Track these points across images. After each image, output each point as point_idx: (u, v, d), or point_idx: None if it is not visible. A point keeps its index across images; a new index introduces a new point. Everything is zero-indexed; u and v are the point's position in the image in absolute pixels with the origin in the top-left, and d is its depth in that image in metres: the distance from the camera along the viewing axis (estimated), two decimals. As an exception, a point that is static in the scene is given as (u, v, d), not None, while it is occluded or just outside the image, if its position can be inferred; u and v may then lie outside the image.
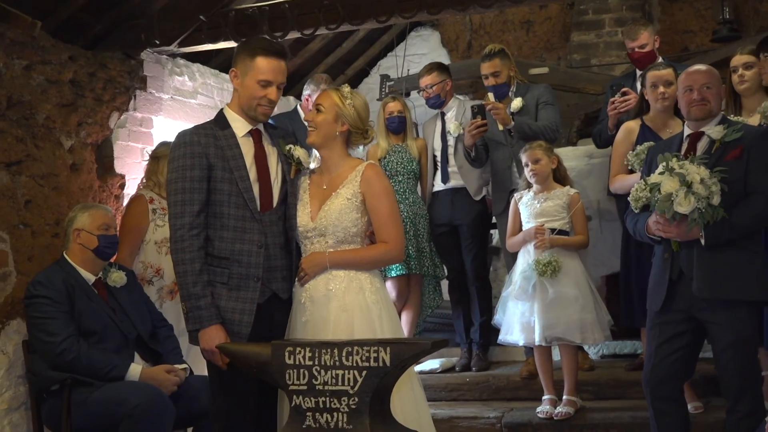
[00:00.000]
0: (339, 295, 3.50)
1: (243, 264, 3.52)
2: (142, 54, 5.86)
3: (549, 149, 5.05)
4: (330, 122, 3.61)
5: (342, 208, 3.53)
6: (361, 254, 3.57)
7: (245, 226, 3.53)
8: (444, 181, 5.84)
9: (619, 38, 7.64)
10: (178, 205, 3.49)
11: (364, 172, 3.58)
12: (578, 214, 4.96)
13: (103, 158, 5.57)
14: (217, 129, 3.60)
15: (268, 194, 3.61)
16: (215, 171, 3.52)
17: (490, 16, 8.47)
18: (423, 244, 5.76)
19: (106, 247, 4.42)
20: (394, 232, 3.57)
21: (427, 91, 5.87)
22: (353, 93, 3.68)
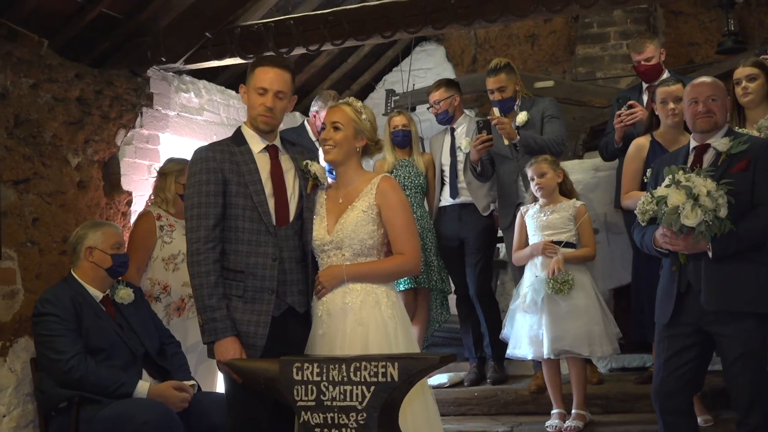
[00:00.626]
0: (355, 309, 3.52)
1: (257, 277, 3.55)
2: (149, 71, 5.89)
3: (554, 163, 5.06)
4: (350, 138, 3.65)
5: (358, 221, 3.56)
6: (378, 266, 3.59)
7: (260, 239, 3.57)
8: (453, 197, 5.83)
9: (624, 51, 7.66)
10: (194, 219, 3.55)
11: (379, 184, 3.61)
12: (585, 226, 4.97)
13: (110, 175, 5.59)
14: (233, 145, 3.67)
15: (284, 209, 3.64)
16: (230, 186, 3.57)
17: (495, 30, 8.49)
18: (431, 258, 5.76)
19: (119, 266, 4.45)
20: (410, 243, 3.58)
21: (435, 107, 5.88)
22: (364, 106, 3.74)
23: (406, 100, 7.63)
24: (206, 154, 3.62)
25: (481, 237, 5.78)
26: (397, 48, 8.62)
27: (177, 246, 4.92)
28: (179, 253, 4.90)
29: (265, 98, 3.64)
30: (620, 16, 7.84)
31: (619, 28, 7.86)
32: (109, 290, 4.45)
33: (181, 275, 4.88)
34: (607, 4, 5.12)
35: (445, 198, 5.90)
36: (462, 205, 5.82)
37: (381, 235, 3.60)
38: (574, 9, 5.21)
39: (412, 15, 5.41)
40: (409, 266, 3.63)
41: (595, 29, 7.95)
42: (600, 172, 6.00)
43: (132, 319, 4.44)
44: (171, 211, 5.03)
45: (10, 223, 4.67)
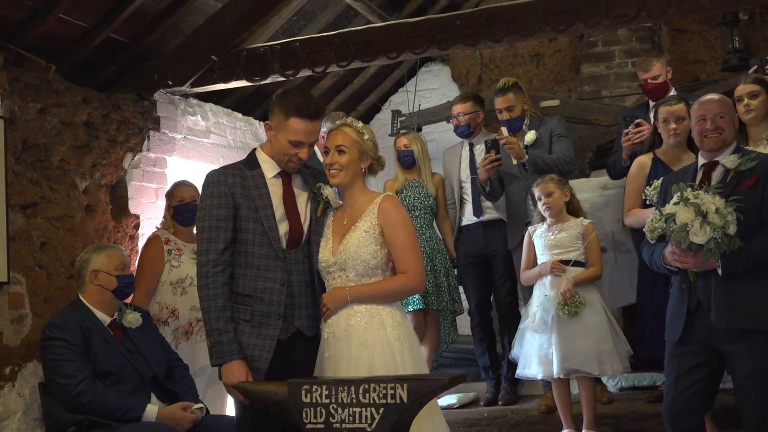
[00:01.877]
0: (359, 332, 3.50)
1: (265, 302, 3.55)
2: (155, 95, 5.92)
3: (561, 182, 5.05)
4: (356, 160, 3.65)
5: (360, 241, 3.55)
6: (381, 286, 3.57)
7: (269, 264, 3.57)
8: (477, 215, 5.80)
9: (630, 69, 7.67)
10: (204, 242, 3.56)
11: (381, 203, 3.60)
12: (592, 245, 4.96)
13: (117, 199, 5.60)
14: (246, 169, 3.66)
15: (296, 233, 3.65)
16: (241, 210, 3.57)
17: (500, 50, 8.51)
18: (441, 278, 5.74)
19: (125, 287, 4.45)
20: (413, 261, 3.56)
21: (458, 119, 5.85)
22: (363, 125, 3.74)
23: (412, 121, 7.63)
24: (218, 178, 3.62)
25: (509, 255, 5.73)
26: (403, 69, 8.63)
27: (185, 270, 4.93)
28: (187, 277, 4.91)
29: (301, 151, 3.61)
30: (625, 34, 7.85)
31: (624, 46, 7.86)
32: (117, 314, 4.44)
33: (189, 299, 4.89)
34: (611, 23, 5.14)
35: (467, 217, 5.86)
36: (487, 222, 5.78)
37: (385, 255, 3.58)
38: (579, 28, 5.23)
39: (417, 36, 5.44)
40: (413, 285, 3.61)
41: (600, 48, 7.96)
42: (607, 191, 5.99)
43: (140, 342, 4.43)
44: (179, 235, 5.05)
45: (18, 247, 4.68)
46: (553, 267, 4.89)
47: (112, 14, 5.13)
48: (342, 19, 7.28)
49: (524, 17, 5.20)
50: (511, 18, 5.22)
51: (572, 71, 8.27)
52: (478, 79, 8.70)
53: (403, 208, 3.67)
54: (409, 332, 3.62)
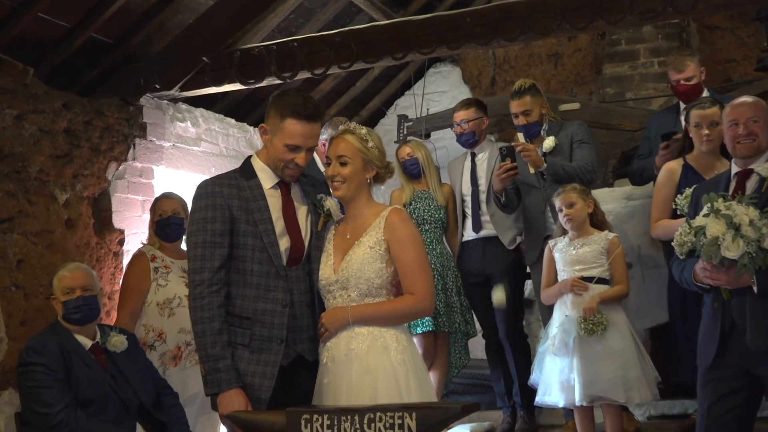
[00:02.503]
0: (361, 356, 3.47)
1: (266, 325, 3.52)
2: (141, 99, 5.94)
3: (584, 192, 5.04)
4: (359, 171, 3.61)
5: (364, 258, 3.52)
6: (385, 307, 3.54)
7: (269, 283, 3.54)
8: (475, 230, 5.79)
9: (656, 69, 7.68)
10: (197, 259, 3.51)
11: (388, 217, 3.57)
12: (618, 261, 4.94)
13: (100, 212, 5.61)
14: (242, 179, 3.63)
15: (297, 249, 3.62)
16: (238, 224, 3.54)
17: (515, 49, 8.53)
18: (452, 298, 5.72)
19: (72, 313, 4.37)
20: (421, 281, 3.53)
21: (461, 126, 5.83)
22: (369, 131, 3.68)
23: (419, 126, 7.64)
24: (212, 189, 3.58)
25: (507, 273, 5.73)
26: (410, 70, 8.66)
27: (173, 289, 4.92)
28: (175, 297, 4.90)
29: (298, 156, 3.59)
30: (650, 32, 7.86)
31: (649, 44, 7.87)
32: (99, 337, 4.44)
33: (177, 321, 4.88)
34: (636, 19, 5.14)
35: (468, 232, 5.86)
36: (486, 239, 5.76)
37: (391, 273, 3.55)
38: (601, 25, 5.24)
39: (425, 34, 5.45)
40: (420, 307, 3.58)
41: (624, 46, 7.98)
42: (633, 201, 5.98)
43: (125, 368, 4.42)
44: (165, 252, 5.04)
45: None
46: (573, 285, 4.88)
47: (95, 13, 5.16)
48: (343, 17, 7.30)
49: (541, 14, 5.21)
50: (527, 14, 5.23)
51: (593, 72, 8.29)
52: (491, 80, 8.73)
53: (412, 223, 3.65)
54: (415, 357, 3.59)
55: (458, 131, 5.85)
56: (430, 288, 3.59)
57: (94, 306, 4.44)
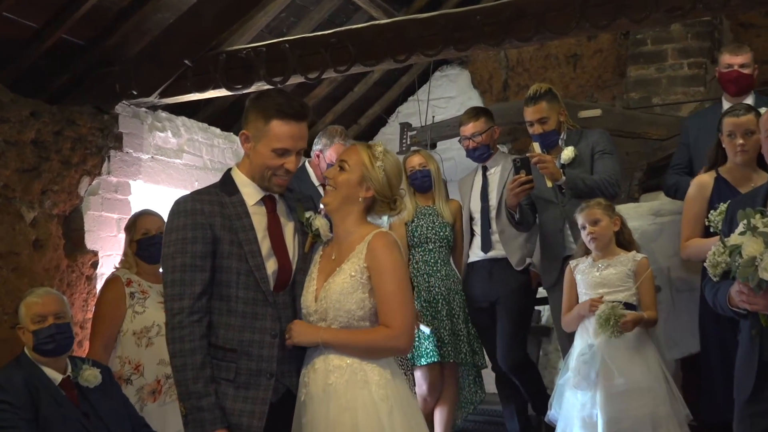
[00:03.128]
0: (339, 391, 3.45)
1: (253, 357, 3.49)
2: (117, 107, 5.94)
3: (609, 208, 5.03)
4: (353, 184, 3.59)
5: (344, 287, 3.49)
6: (357, 337, 3.49)
7: (256, 311, 3.51)
8: (484, 250, 5.79)
9: (685, 72, 7.68)
10: (176, 285, 3.46)
11: (371, 241, 3.53)
12: (646, 285, 4.92)
13: (71, 232, 5.61)
14: (224, 195, 3.59)
15: (285, 272, 3.60)
16: (221, 245, 3.50)
17: (530, 50, 8.54)
18: (459, 325, 5.71)
19: (43, 343, 4.35)
20: (398, 315, 3.47)
21: (473, 140, 5.83)
22: (386, 154, 3.64)
23: (424, 136, 7.64)
24: (192, 206, 3.53)
25: (513, 297, 5.70)
26: (413, 74, 8.68)
27: (150, 316, 4.90)
28: (153, 325, 4.89)
29: (288, 160, 3.56)
30: (679, 30, 7.87)
31: (678, 44, 7.88)
32: (71, 371, 4.42)
33: (156, 351, 4.86)
34: (663, 17, 5.13)
35: (475, 252, 5.85)
36: (494, 260, 5.76)
37: (374, 304, 3.51)
38: (624, 24, 5.24)
39: (430, 34, 5.46)
40: (395, 343, 3.50)
41: (650, 47, 7.98)
42: (661, 218, 5.97)
43: (99, 405, 4.41)
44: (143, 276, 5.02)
45: (-48, 291, 4.69)
46: (591, 305, 4.86)
47: (66, 12, 5.17)
48: (340, 15, 7.32)
49: (558, 11, 5.21)
50: (543, 12, 5.23)
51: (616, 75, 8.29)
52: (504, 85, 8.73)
53: (396, 249, 3.57)
54: (401, 392, 3.53)
55: (470, 146, 5.81)
56: (409, 323, 3.52)
57: (69, 335, 4.43)
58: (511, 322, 5.70)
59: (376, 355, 3.52)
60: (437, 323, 5.66)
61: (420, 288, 5.73)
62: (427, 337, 5.60)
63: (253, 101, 3.64)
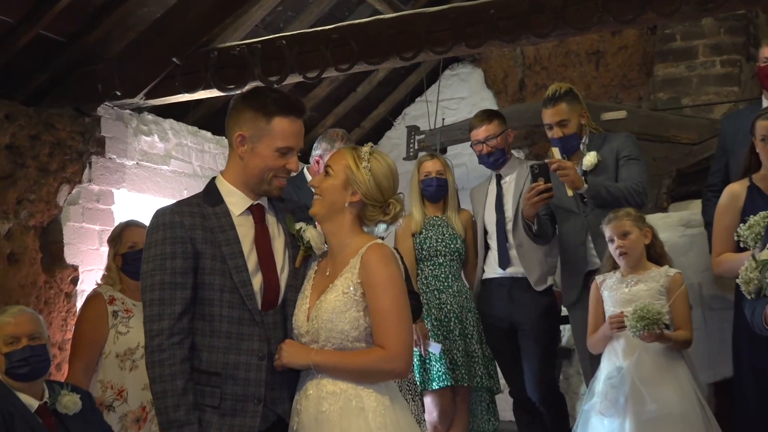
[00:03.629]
0: (333, 420, 3.41)
1: (239, 381, 3.46)
2: (99, 109, 5.94)
3: (640, 219, 5.01)
4: (338, 189, 3.56)
5: (336, 306, 3.45)
6: (349, 360, 3.46)
7: (242, 331, 3.49)
8: (503, 266, 5.76)
9: (718, 70, 7.67)
10: (155, 304, 3.46)
11: (364, 254, 3.49)
12: (680, 302, 4.89)
13: (49, 245, 5.60)
14: (206, 206, 3.58)
15: (273, 288, 3.57)
16: (203, 260, 3.49)
17: (548, 47, 8.54)
18: (473, 346, 5.69)
19: (17, 367, 4.32)
20: (393, 334, 3.42)
21: (487, 144, 5.81)
22: (375, 154, 3.60)
23: (433, 140, 7.64)
24: (171, 219, 3.51)
25: (539, 322, 5.68)
26: (421, 73, 8.68)
27: (135, 337, 4.89)
28: (138, 347, 4.87)
29: (291, 160, 3.57)
30: (711, 25, 7.86)
31: (709, 40, 7.87)
32: (48, 397, 4.41)
33: (141, 375, 4.84)
34: (693, 10, 5.12)
35: (491, 268, 5.83)
36: (514, 279, 5.73)
37: (370, 324, 3.47)
38: (651, 18, 5.23)
39: (439, 30, 5.45)
40: (391, 366, 3.45)
41: (679, 43, 7.97)
42: (692, 229, 5.95)
43: (79, 434, 4.40)
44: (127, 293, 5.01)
45: None
46: (611, 321, 4.84)
47: (44, 6, 5.17)
48: (341, 9, 7.32)
49: (579, 4, 5.20)
50: (562, 5, 5.22)
51: (642, 74, 8.28)
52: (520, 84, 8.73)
53: (392, 262, 3.53)
54: (399, 422, 3.47)
55: (484, 150, 5.79)
56: (406, 344, 3.47)
57: (45, 357, 4.40)
58: (539, 349, 5.69)
59: (371, 379, 3.48)
60: (450, 344, 5.64)
61: (430, 305, 5.71)
62: (438, 358, 5.57)
63: (245, 99, 3.62)
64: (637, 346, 4.81)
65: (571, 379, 6.60)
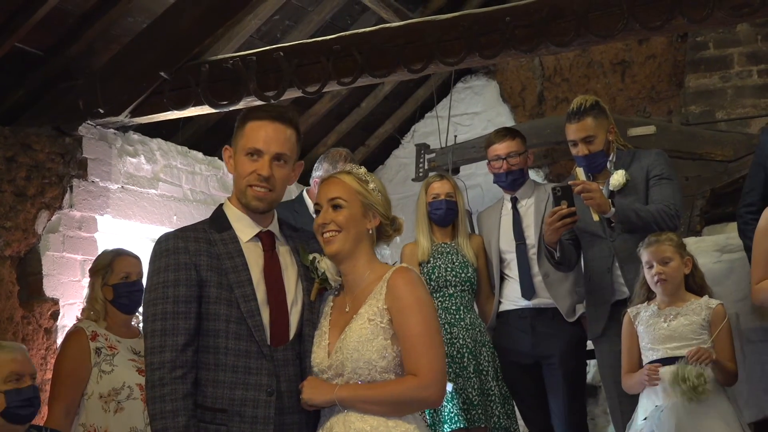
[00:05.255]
0: None
1: (246, 419, 3.48)
2: (80, 128, 5.95)
3: (681, 246, 4.96)
4: (359, 218, 3.60)
5: (362, 334, 3.47)
6: (379, 391, 3.46)
7: (249, 365, 3.51)
8: (527, 296, 5.75)
9: (755, 80, 7.66)
10: (156, 335, 3.48)
11: (390, 279, 3.53)
12: (724, 336, 4.85)
13: (27, 276, 5.60)
14: (213, 231, 3.63)
15: (282, 322, 3.60)
16: (208, 288, 3.52)
17: (569, 57, 8.55)
18: (489, 383, 5.67)
19: (20, 407, 4.35)
20: (425, 360, 3.44)
21: (508, 161, 5.79)
22: (369, 174, 3.69)
23: (444, 159, 7.64)
24: (175, 244, 3.56)
25: (569, 355, 5.65)
26: (431, 86, 8.68)
27: (120, 377, 4.88)
28: (123, 387, 4.87)
29: (259, 164, 3.61)
30: (747, 32, 7.87)
31: (745, 48, 7.88)
32: (25, 442, 4.42)
33: (126, 418, 4.84)
34: (727, 16, 5.11)
35: (509, 299, 5.82)
36: (538, 309, 5.73)
37: (399, 352, 3.49)
38: (681, 24, 5.22)
39: (451, 39, 5.45)
40: (424, 394, 3.47)
41: (712, 51, 7.98)
42: (728, 254, 5.94)
43: (58, 483, 4.40)
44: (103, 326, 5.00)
45: None
46: (650, 374, 4.80)
47: (20, 16, 5.18)
48: (343, 18, 7.34)
49: (602, 10, 5.20)
50: (584, 11, 5.22)
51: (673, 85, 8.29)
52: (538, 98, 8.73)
53: (421, 285, 3.58)
54: None
55: (503, 168, 5.78)
56: (439, 369, 3.49)
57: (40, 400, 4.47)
58: (569, 385, 5.67)
59: (404, 410, 3.50)
60: (463, 381, 5.62)
61: (441, 340, 5.69)
62: (450, 398, 5.55)
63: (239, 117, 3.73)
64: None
65: (598, 419, 6.57)
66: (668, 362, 4.81)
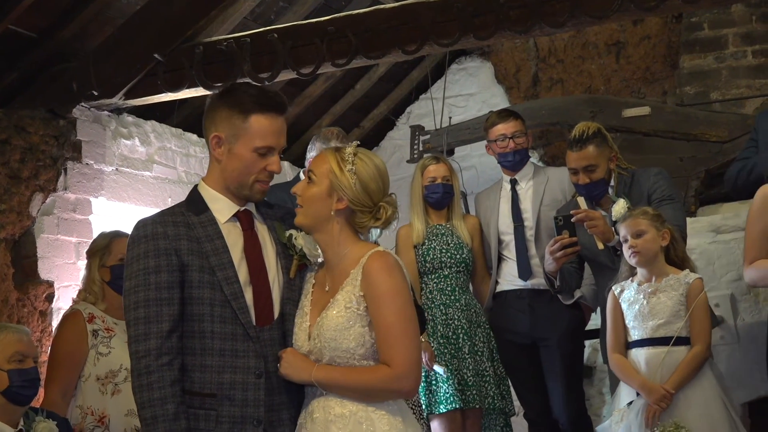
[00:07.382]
0: None
1: (236, 402, 3.47)
2: (74, 111, 5.94)
3: (658, 218, 4.93)
4: (322, 197, 3.55)
5: (339, 322, 3.45)
6: (354, 377, 3.45)
7: (236, 347, 3.49)
8: (524, 277, 5.77)
9: (749, 61, 7.66)
10: (140, 323, 3.46)
11: (365, 264, 3.49)
12: (698, 312, 4.81)
13: (22, 259, 5.60)
14: (191, 214, 3.59)
15: (266, 302, 3.58)
16: (190, 273, 3.49)
17: (563, 38, 8.54)
18: (484, 364, 5.68)
19: (22, 387, 4.35)
20: (398, 351, 3.42)
21: (514, 140, 5.80)
22: (360, 155, 3.58)
23: (439, 140, 7.64)
24: (153, 230, 3.52)
25: (567, 338, 5.68)
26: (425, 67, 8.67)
27: (117, 359, 4.89)
28: (121, 369, 4.87)
29: (271, 160, 3.58)
30: (742, 12, 7.87)
31: (740, 29, 7.88)
32: (21, 423, 4.42)
33: (123, 400, 4.84)
34: (721, -5, 5.13)
35: (506, 280, 5.85)
36: (535, 291, 5.75)
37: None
38: (676, 5, 5.23)
39: (445, 20, 5.45)
40: (397, 385, 3.46)
41: (707, 32, 7.98)
42: (723, 235, 5.95)
43: (55, 465, 4.41)
44: (101, 308, 5.01)
45: None
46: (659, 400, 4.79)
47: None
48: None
49: (597, -10, 5.22)
50: (579, -8, 5.24)
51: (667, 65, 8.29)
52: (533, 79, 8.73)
53: (397, 271, 3.52)
54: None
55: (510, 147, 5.76)
56: (412, 360, 3.46)
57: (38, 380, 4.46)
58: (567, 368, 5.70)
59: (377, 399, 3.48)
60: (458, 362, 5.63)
61: (436, 321, 5.71)
62: (446, 379, 5.56)
63: (221, 97, 3.65)
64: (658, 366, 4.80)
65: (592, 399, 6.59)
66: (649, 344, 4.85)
